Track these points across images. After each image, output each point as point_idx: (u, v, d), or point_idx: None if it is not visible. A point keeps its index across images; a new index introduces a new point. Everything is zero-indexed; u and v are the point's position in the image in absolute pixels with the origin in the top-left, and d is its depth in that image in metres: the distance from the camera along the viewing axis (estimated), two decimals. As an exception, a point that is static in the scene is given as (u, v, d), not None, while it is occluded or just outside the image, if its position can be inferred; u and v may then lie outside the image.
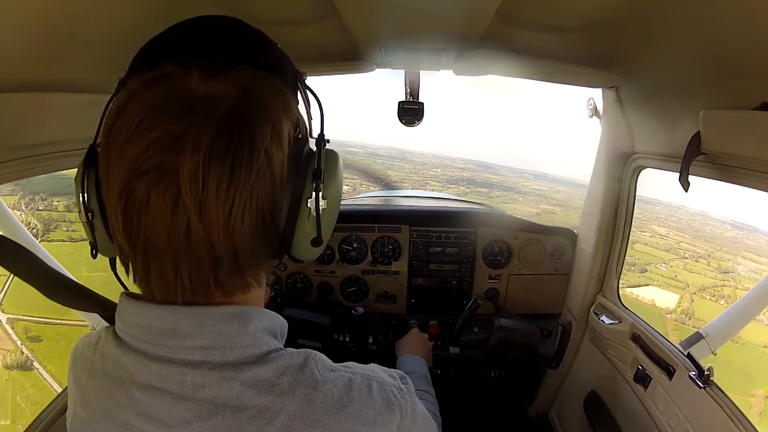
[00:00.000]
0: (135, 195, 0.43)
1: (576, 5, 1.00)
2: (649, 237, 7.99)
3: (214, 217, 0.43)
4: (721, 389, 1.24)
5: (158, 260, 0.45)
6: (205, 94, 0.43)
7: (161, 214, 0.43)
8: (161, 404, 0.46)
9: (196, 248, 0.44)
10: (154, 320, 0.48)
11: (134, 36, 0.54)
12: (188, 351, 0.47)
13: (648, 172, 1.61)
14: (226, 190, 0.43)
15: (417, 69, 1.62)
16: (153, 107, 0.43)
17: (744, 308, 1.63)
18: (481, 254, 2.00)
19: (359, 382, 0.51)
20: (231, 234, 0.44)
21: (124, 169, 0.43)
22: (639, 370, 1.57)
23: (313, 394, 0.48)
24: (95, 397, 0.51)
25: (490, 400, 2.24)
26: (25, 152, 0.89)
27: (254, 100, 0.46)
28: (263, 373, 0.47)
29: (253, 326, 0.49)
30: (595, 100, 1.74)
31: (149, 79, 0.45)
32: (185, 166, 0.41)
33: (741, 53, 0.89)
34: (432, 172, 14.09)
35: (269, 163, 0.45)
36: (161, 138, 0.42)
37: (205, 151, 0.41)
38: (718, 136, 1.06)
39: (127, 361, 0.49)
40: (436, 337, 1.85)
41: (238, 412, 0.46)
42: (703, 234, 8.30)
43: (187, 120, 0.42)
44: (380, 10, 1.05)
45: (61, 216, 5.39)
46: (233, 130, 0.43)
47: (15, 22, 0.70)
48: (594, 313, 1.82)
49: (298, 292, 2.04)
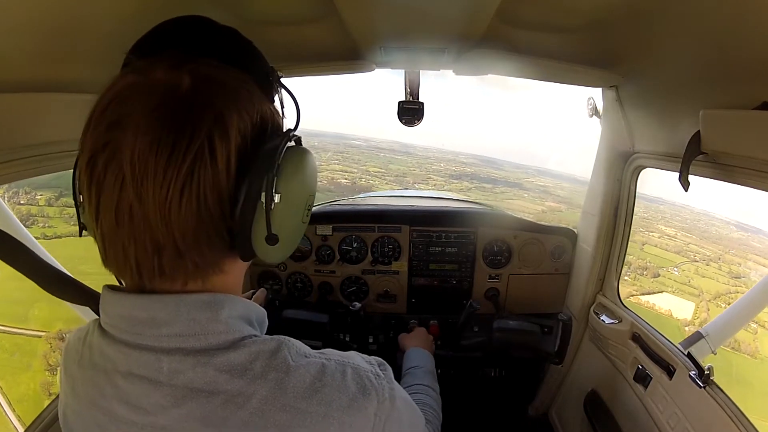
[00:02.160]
0: (96, 170, 0.45)
1: (576, 5, 1.00)
2: (658, 238, 7.81)
3: (151, 199, 0.44)
4: (721, 389, 1.24)
5: (111, 240, 0.47)
6: (163, 82, 0.46)
7: (111, 191, 0.45)
8: (141, 390, 0.48)
9: (138, 230, 0.45)
10: (134, 310, 0.49)
11: (134, 36, 0.55)
12: (164, 338, 0.48)
13: (651, 171, 1.61)
14: (162, 174, 0.43)
15: (417, 69, 1.62)
16: (116, 93, 0.46)
17: (744, 308, 1.63)
18: (481, 254, 2.01)
19: (333, 367, 0.52)
20: (168, 218, 0.45)
21: (88, 147, 0.45)
22: (639, 369, 1.57)
23: (285, 379, 0.48)
24: (84, 388, 0.52)
25: (490, 400, 2.24)
26: (26, 152, 0.90)
27: (206, 89, 0.47)
28: (236, 358, 0.48)
29: (226, 313, 0.50)
30: (595, 100, 1.74)
31: (121, 74, 0.48)
32: (128, 147, 0.43)
33: (741, 53, 0.89)
34: (435, 166, 14.01)
35: (211, 154, 0.45)
36: (116, 119, 0.44)
37: (145, 135, 0.43)
38: (718, 136, 1.06)
39: (111, 351, 0.50)
40: (435, 336, 1.85)
41: (211, 396, 0.47)
42: (710, 235, 8.07)
43: (138, 104, 0.44)
44: (380, 10, 1.05)
45: (41, 211, 5.27)
46: (176, 116, 0.44)
47: (16, 23, 0.70)
48: (594, 313, 1.82)
49: (298, 292, 2.04)
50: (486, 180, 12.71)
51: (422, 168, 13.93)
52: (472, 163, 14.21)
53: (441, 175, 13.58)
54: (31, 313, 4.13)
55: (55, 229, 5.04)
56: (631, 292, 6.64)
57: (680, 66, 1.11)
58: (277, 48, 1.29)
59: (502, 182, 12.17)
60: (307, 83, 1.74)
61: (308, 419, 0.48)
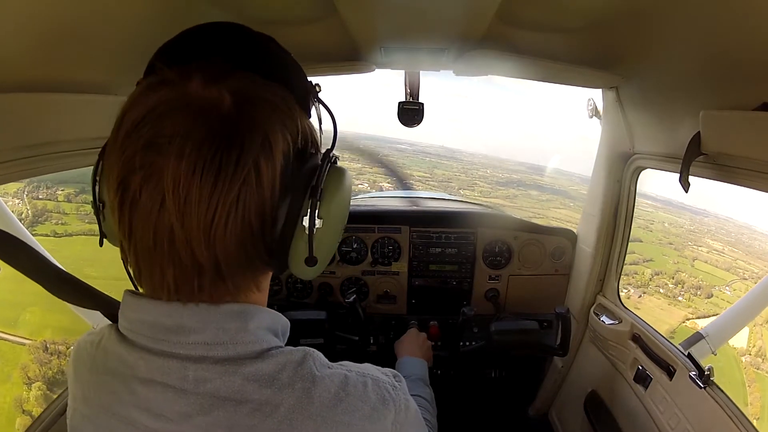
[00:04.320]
0: (129, 191, 0.44)
1: (576, 5, 1.00)
2: (707, 253, 7.26)
3: (195, 223, 0.43)
4: (721, 389, 1.24)
5: (146, 260, 0.46)
6: (200, 99, 0.44)
7: (149, 213, 0.43)
8: (163, 398, 0.47)
9: (179, 252, 0.44)
10: (160, 317, 0.49)
11: (135, 36, 0.55)
12: (191, 346, 0.48)
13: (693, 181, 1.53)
14: (208, 199, 0.42)
15: (417, 69, 1.62)
16: (150, 109, 0.43)
17: (744, 308, 1.63)
18: (481, 254, 2.00)
19: (354, 378, 0.52)
20: (212, 243, 0.44)
21: (119, 166, 0.44)
22: (639, 370, 1.57)
23: (312, 389, 0.49)
24: (96, 393, 0.51)
25: (490, 400, 2.24)
26: (26, 152, 0.89)
27: (249, 109, 0.45)
28: (264, 368, 0.48)
29: (255, 324, 0.50)
30: (595, 101, 1.74)
31: (151, 83, 0.46)
32: (169, 171, 0.42)
33: (741, 53, 0.89)
34: (481, 172, 13.78)
35: (257, 176, 0.45)
36: (153, 140, 0.42)
37: (188, 158, 0.42)
38: (718, 137, 1.06)
39: (130, 357, 0.49)
40: (435, 337, 1.85)
41: (239, 405, 0.46)
42: (754, 250, 7.46)
43: (178, 125, 0.42)
44: (380, 11, 1.05)
45: (57, 206, 5.11)
46: (221, 139, 0.43)
47: (17, 24, 0.70)
48: (594, 314, 1.82)
49: (297, 293, 2.03)
50: (532, 187, 12.47)
51: (468, 174, 13.69)
52: (518, 170, 13.98)
53: (487, 181, 13.34)
54: (23, 317, 4.00)
55: (68, 226, 4.90)
56: (687, 316, 6.13)
57: (680, 67, 1.11)
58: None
59: (549, 189, 11.92)
60: (342, 83, 1.71)
61: (333, 428, 0.48)
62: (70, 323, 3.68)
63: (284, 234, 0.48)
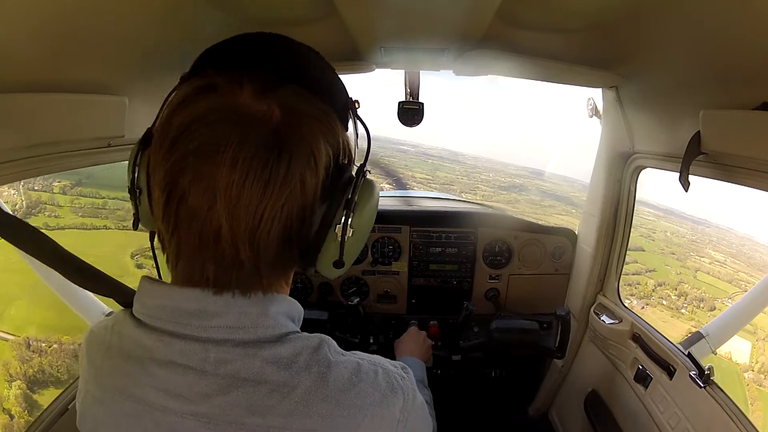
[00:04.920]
0: (176, 191, 0.47)
1: (576, 6, 1.00)
2: (709, 264, 7.13)
3: (243, 226, 0.47)
4: (722, 389, 1.24)
5: (188, 253, 0.50)
6: (251, 111, 0.46)
7: (196, 212, 0.47)
8: (183, 379, 0.49)
9: (224, 250, 0.48)
10: (182, 302, 0.51)
11: (135, 36, 0.55)
12: (213, 330, 0.50)
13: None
14: (256, 205, 0.46)
15: (417, 69, 1.62)
16: (199, 116, 0.46)
17: (744, 308, 1.63)
18: (481, 254, 2.00)
19: (366, 366, 0.55)
20: (256, 244, 0.48)
21: (167, 168, 0.47)
22: (639, 369, 1.57)
23: (327, 373, 0.51)
24: (110, 376, 0.53)
25: (490, 400, 2.24)
26: (27, 152, 0.90)
27: (297, 123, 0.48)
28: (282, 351, 0.51)
29: (275, 309, 0.53)
30: (595, 100, 1.74)
31: (200, 87, 0.48)
32: (222, 178, 0.45)
33: (741, 54, 0.89)
34: (483, 176, 13.66)
35: (302, 186, 0.48)
36: (203, 146, 0.45)
37: (241, 168, 0.45)
38: (718, 136, 1.06)
39: (147, 341, 0.51)
40: (436, 337, 1.85)
41: (258, 385, 0.49)
42: (756, 262, 7.28)
43: (230, 135, 0.45)
44: (380, 11, 1.05)
45: (51, 198, 4.96)
46: (272, 151, 0.46)
47: (18, 24, 0.70)
48: (594, 313, 1.82)
49: (298, 292, 2.04)
50: (534, 192, 12.39)
51: (470, 177, 13.55)
52: (521, 175, 13.87)
53: (490, 185, 13.25)
54: (8, 312, 3.88)
55: (61, 219, 4.77)
56: (689, 329, 5.83)
57: (680, 66, 1.11)
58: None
59: (551, 195, 11.84)
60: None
61: (346, 410, 0.51)
62: (57, 320, 3.69)
63: (318, 238, 0.53)
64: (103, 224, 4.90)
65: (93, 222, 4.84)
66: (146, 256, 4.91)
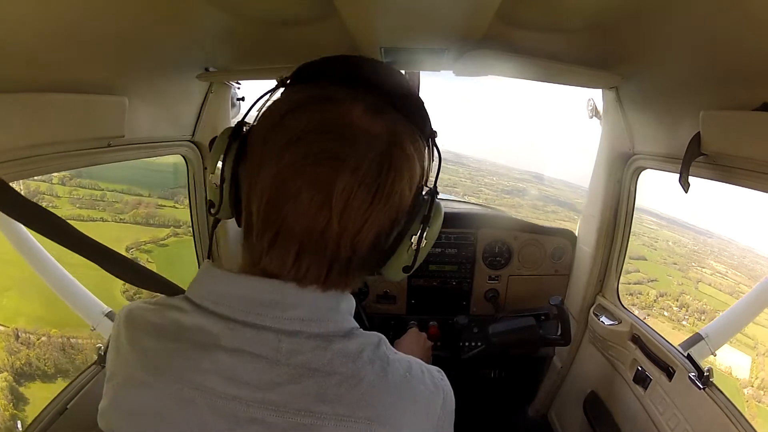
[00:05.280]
0: (287, 188, 0.51)
1: (576, 6, 0.99)
2: (710, 275, 7.14)
3: (350, 226, 0.52)
4: (721, 390, 1.24)
5: (286, 244, 0.53)
6: (365, 128, 0.53)
7: (306, 211, 0.51)
8: (252, 367, 0.51)
9: (325, 245, 0.53)
10: (257, 292, 0.54)
11: (134, 36, 0.55)
12: (287, 321, 0.53)
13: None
14: (365, 210, 0.52)
15: (417, 69, 1.62)
16: (318, 124, 0.52)
17: (744, 309, 1.63)
18: (480, 255, 2.00)
19: (416, 365, 0.60)
20: (355, 246, 0.54)
21: (281, 166, 0.51)
22: (639, 370, 1.57)
23: (387, 368, 0.56)
24: (164, 360, 0.53)
25: (490, 400, 2.24)
26: (27, 152, 0.90)
27: (401, 146, 0.55)
28: (350, 345, 0.55)
29: (344, 306, 0.58)
30: (595, 101, 1.74)
31: (315, 96, 0.54)
32: (341, 182, 0.50)
33: (741, 54, 0.89)
34: (487, 179, 13.67)
35: (400, 200, 0.55)
36: (322, 153, 0.51)
37: (360, 175, 0.51)
38: (718, 137, 1.06)
39: (213, 328, 0.53)
40: (435, 337, 1.85)
41: (328, 376, 0.52)
42: (757, 274, 7.35)
43: (349, 146, 0.51)
44: (380, 11, 1.05)
45: (50, 189, 4.89)
46: (382, 166, 0.53)
47: (18, 24, 0.70)
48: (594, 314, 1.82)
49: None
50: (538, 197, 12.38)
51: (474, 180, 13.53)
52: (524, 179, 13.88)
53: (493, 189, 13.27)
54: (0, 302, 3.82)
55: (58, 210, 4.63)
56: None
57: (680, 67, 1.11)
58: (276, 49, 1.29)
59: (554, 200, 11.85)
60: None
61: (403, 403, 0.55)
62: (46, 313, 3.67)
63: (394, 245, 0.59)
64: (100, 216, 4.91)
65: (90, 214, 4.84)
66: (141, 250, 4.91)
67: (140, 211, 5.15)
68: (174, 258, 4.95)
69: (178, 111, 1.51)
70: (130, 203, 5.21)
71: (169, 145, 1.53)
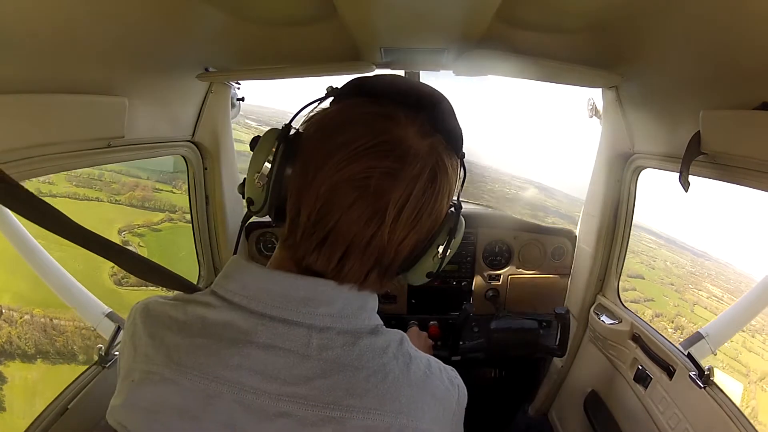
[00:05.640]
0: (342, 198, 0.54)
1: (576, 6, 0.99)
2: (707, 298, 7.16)
3: (397, 235, 0.56)
4: (721, 389, 1.24)
5: (334, 245, 0.55)
6: (416, 148, 0.57)
7: (358, 219, 0.54)
8: (283, 362, 0.53)
9: (371, 249, 0.56)
10: (291, 289, 0.56)
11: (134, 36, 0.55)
12: (318, 317, 0.55)
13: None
14: (411, 221, 0.57)
15: (417, 69, 1.62)
16: (379, 140, 0.55)
17: (744, 308, 1.63)
18: (481, 254, 2.00)
19: (434, 363, 0.64)
20: (397, 250, 0.58)
21: (339, 177, 0.54)
22: (639, 370, 1.57)
23: (410, 364, 0.59)
24: (189, 356, 0.54)
25: (490, 401, 2.24)
26: (27, 152, 0.90)
27: (445, 167, 0.60)
28: (377, 342, 0.58)
29: (371, 304, 0.62)
30: (594, 100, 1.74)
31: (379, 114, 0.58)
32: (395, 193, 0.55)
33: (741, 53, 0.89)
34: (489, 186, 13.79)
35: (439, 213, 0.61)
36: (380, 166, 0.54)
37: (410, 190, 0.55)
38: (718, 136, 1.06)
39: (245, 323, 0.54)
40: (435, 337, 1.85)
41: (357, 371, 0.54)
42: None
43: (403, 163, 0.55)
44: (380, 11, 1.05)
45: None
46: (430, 182, 0.58)
47: (18, 24, 0.70)
48: (594, 313, 1.82)
49: None
50: (539, 207, 12.45)
51: (476, 186, 13.62)
52: (526, 188, 13.98)
53: (495, 196, 13.38)
54: None
55: (53, 186, 4.48)
56: None
57: (680, 66, 1.11)
58: (276, 49, 1.29)
59: (554, 212, 11.91)
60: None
61: (425, 397, 0.58)
62: (29, 291, 3.65)
63: (422, 252, 0.62)
64: (96, 196, 4.81)
65: (86, 192, 4.73)
66: (134, 233, 4.82)
67: (136, 194, 5.08)
68: (167, 244, 4.85)
69: (178, 111, 1.51)
70: (128, 185, 5.12)
71: (169, 145, 1.53)
